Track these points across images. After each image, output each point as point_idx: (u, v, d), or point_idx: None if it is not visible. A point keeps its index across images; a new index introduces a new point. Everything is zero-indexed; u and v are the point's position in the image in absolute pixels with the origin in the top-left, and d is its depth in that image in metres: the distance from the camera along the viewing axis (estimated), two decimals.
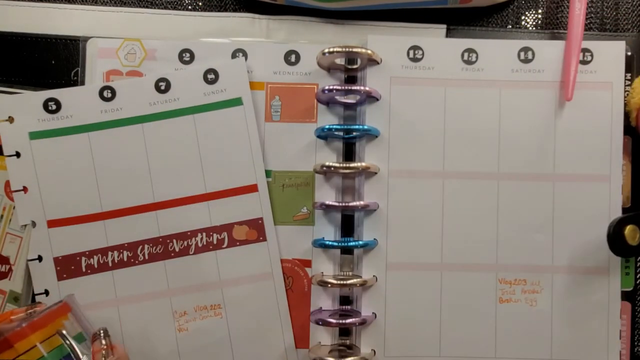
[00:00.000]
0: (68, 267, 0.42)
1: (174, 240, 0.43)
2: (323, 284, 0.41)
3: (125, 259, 0.42)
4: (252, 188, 0.43)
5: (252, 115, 0.43)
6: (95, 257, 0.42)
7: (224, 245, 0.43)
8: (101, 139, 0.43)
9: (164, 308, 0.42)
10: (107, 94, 0.43)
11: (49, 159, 0.43)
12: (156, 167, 0.43)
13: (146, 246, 0.42)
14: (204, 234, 0.43)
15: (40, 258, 0.42)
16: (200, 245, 0.43)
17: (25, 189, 0.42)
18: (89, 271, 0.42)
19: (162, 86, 0.43)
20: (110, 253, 0.42)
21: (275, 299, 0.42)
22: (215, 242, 0.43)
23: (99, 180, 0.43)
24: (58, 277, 0.42)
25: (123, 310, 0.42)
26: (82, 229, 0.42)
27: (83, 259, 0.42)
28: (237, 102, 0.43)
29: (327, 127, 0.41)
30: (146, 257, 0.42)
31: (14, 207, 0.43)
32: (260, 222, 0.43)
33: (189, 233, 0.43)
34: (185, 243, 0.43)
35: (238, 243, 0.43)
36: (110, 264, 0.42)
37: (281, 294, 0.42)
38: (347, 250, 0.44)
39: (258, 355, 0.42)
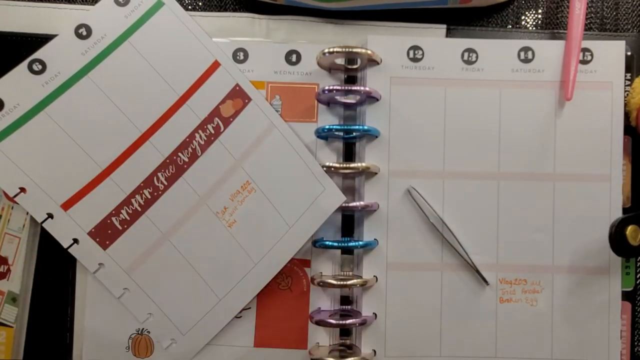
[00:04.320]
0: (105, 233, 0.42)
1: (179, 154, 0.43)
2: (324, 284, 0.41)
3: (149, 197, 0.42)
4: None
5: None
6: (123, 211, 0.42)
7: (222, 129, 0.43)
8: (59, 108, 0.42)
9: (205, 215, 0.43)
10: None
11: (27, 151, 0.42)
12: (126, 104, 0.43)
13: (159, 174, 0.43)
14: (199, 130, 0.43)
15: (76, 241, 0.42)
16: (202, 142, 0.43)
17: (23, 190, 0.42)
18: (125, 226, 0.42)
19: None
20: (132, 200, 0.42)
21: (288, 143, 0.43)
22: (212, 131, 0.43)
23: (83, 144, 0.42)
24: (102, 247, 0.42)
25: (175, 239, 0.43)
26: (95, 195, 0.42)
27: (113, 219, 0.42)
28: None
29: (327, 127, 0.41)
30: (165, 183, 0.42)
31: (12, 207, 0.43)
32: (238, 88, 0.43)
33: (187, 139, 0.43)
34: (190, 149, 0.43)
35: (232, 119, 0.43)
36: (139, 209, 0.42)
37: (293, 138, 0.43)
38: (347, 250, 0.44)
39: (300, 208, 0.43)
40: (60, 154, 0.42)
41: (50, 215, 0.42)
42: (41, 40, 0.43)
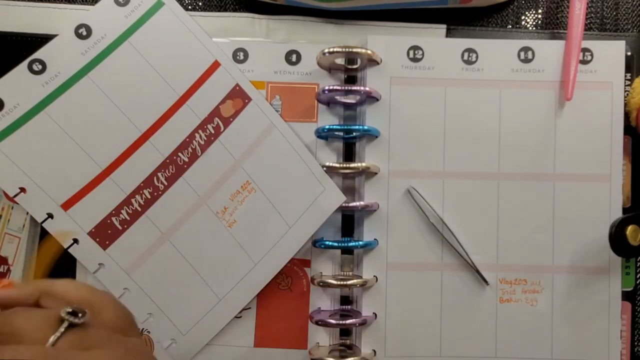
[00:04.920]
0: (105, 233, 0.42)
1: (179, 154, 0.43)
2: (324, 284, 0.41)
3: (149, 197, 0.42)
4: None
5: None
6: (123, 211, 0.42)
7: (222, 129, 0.43)
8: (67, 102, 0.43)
9: (205, 215, 0.43)
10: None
11: (27, 151, 0.42)
12: (126, 104, 0.43)
13: (159, 174, 0.43)
14: (199, 130, 0.43)
15: (76, 241, 0.42)
16: (202, 142, 0.43)
17: (23, 190, 0.42)
18: (125, 226, 0.42)
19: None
20: (132, 200, 0.42)
21: (288, 143, 0.43)
22: (212, 131, 0.43)
23: (83, 144, 0.42)
24: (102, 247, 0.42)
25: (175, 239, 0.43)
26: (95, 195, 0.42)
27: (113, 219, 0.42)
28: None
29: (327, 127, 0.41)
30: (165, 183, 0.43)
31: (12, 207, 0.43)
32: (237, 88, 0.43)
33: (187, 139, 0.43)
34: (190, 149, 0.43)
35: (232, 119, 0.43)
36: (139, 209, 0.42)
37: (293, 138, 0.43)
38: (347, 250, 0.44)
39: (300, 208, 0.43)
40: (60, 153, 0.42)
41: (50, 215, 0.42)
42: (41, 40, 0.43)
